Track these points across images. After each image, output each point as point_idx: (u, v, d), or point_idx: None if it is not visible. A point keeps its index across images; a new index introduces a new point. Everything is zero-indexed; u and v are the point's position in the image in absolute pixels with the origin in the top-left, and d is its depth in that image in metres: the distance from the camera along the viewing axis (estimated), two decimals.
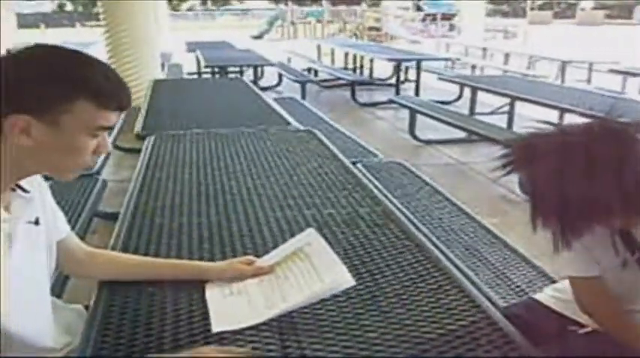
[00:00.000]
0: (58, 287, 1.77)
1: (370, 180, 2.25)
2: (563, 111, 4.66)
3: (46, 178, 1.18)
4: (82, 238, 1.39)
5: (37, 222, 1.06)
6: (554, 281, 1.83)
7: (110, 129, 1.04)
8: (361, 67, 10.88)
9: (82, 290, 1.62)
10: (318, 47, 12.38)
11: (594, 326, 1.37)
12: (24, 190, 1.05)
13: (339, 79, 8.92)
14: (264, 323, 1.12)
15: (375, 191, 1.94)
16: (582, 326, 1.40)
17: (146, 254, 1.43)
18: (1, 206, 0.97)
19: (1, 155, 0.95)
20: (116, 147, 4.46)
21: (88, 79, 0.97)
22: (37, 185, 1.12)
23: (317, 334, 1.09)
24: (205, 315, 1.15)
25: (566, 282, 1.44)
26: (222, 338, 1.07)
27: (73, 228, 1.29)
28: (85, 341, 1.07)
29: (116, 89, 1.01)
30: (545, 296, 1.53)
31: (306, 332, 1.09)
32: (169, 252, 1.45)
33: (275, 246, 1.41)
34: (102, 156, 3.23)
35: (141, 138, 2.82)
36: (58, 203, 1.24)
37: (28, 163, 0.99)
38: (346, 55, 11.09)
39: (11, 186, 1.02)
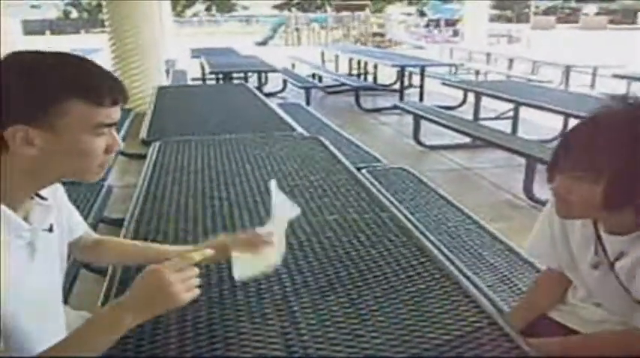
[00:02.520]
0: (64, 293, 1.78)
1: (375, 186, 2.25)
2: (567, 116, 4.66)
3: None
4: None
5: (50, 229, 1.06)
6: None
7: (113, 125, 1.00)
8: (365, 72, 10.92)
9: (88, 296, 1.63)
10: (322, 53, 12.41)
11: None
12: (42, 198, 1.05)
13: (344, 84, 8.93)
14: (267, 324, 1.13)
15: (380, 197, 1.94)
16: None
17: None
18: (9, 217, 0.95)
19: (9, 168, 0.93)
20: (121, 153, 4.47)
21: (73, 78, 0.94)
22: (53, 189, 1.11)
23: (321, 335, 1.09)
24: (211, 322, 1.15)
25: (569, 293, 1.44)
26: (228, 343, 1.08)
27: None
28: None
29: (105, 83, 0.97)
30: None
31: (311, 334, 1.10)
32: None
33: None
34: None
35: (146, 144, 2.84)
36: None
37: (42, 172, 0.97)
38: (350, 60, 11.11)
39: (30, 195, 1.02)
